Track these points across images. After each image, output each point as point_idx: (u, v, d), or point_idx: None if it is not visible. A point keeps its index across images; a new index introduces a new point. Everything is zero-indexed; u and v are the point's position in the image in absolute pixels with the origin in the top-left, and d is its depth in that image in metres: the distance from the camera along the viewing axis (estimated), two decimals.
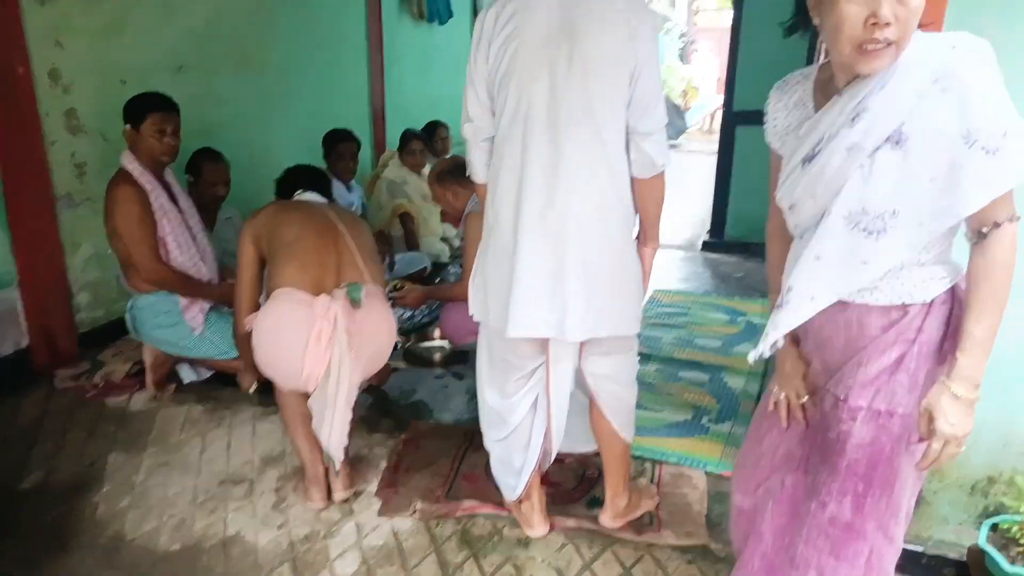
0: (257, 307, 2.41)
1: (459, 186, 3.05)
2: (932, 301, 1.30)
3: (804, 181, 1.30)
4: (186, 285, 2.97)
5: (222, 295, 3.02)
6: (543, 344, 2.00)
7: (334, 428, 2.20)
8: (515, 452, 2.16)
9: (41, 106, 3.19)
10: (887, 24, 1.13)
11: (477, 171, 2.02)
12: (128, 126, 2.91)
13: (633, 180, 1.87)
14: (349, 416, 2.23)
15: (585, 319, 1.86)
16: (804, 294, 1.32)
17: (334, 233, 2.42)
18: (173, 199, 3.01)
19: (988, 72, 1.17)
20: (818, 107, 1.36)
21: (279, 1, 4.80)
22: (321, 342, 2.18)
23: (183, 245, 2.99)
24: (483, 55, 1.85)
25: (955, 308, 1.31)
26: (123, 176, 2.88)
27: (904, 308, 1.31)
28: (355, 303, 2.25)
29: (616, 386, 2.09)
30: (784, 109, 1.44)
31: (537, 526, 2.20)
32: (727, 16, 8.95)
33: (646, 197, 1.90)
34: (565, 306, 1.85)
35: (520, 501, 2.20)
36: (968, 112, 1.15)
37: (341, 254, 2.38)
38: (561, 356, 2.01)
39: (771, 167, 1.51)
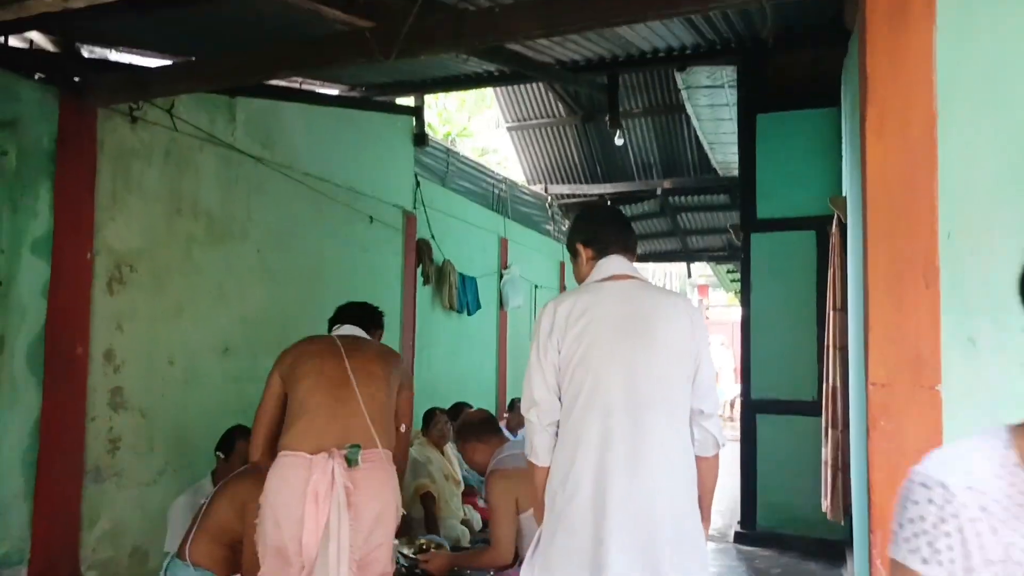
0: (274, 441, 2.48)
1: (479, 443, 3.17)
2: None
3: None
4: None
5: None
6: None
7: None
8: None
9: (90, 383, 3.36)
10: None
11: (540, 455, 2.02)
12: None
13: (696, 459, 1.96)
14: None
15: None
16: None
17: (347, 390, 2.47)
18: None
19: None
20: None
21: (324, 290, 5.23)
22: (319, 497, 2.22)
23: None
24: (554, 345, 1.98)
25: None
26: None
27: None
28: (351, 463, 2.29)
29: None
30: (987, 518, 0.77)
31: None
32: (736, 311, 9.47)
33: (706, 475, 2.01)
34: None
35: None
36: None
37: (351, 415, 2.43)
38: None
39: None
